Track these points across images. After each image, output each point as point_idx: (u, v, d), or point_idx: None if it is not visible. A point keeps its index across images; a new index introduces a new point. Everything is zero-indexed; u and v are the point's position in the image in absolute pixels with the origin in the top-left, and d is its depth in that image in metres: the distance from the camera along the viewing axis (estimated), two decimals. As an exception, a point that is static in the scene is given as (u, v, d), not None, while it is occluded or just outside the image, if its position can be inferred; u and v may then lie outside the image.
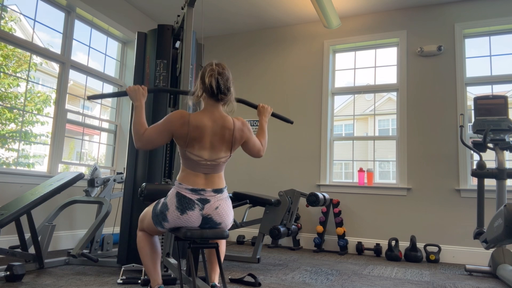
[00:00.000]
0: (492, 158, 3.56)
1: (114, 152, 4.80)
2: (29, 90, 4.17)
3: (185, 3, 2.82)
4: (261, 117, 2.25)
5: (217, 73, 1.82)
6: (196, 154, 1.80)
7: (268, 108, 2.30)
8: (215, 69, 1.83)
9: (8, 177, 3.37)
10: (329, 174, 4.78)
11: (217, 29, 5.45)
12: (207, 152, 1.81)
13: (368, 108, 5.89)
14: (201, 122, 1.80)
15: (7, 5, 3.63)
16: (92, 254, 3.26)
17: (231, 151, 1.88)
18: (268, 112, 2.29)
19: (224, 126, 1.83)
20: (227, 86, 1.84)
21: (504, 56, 4.31)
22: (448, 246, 4.06)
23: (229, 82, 1.85)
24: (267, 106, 2.29)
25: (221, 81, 1.81)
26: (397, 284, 2.82)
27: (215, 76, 1.81)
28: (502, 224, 2.58)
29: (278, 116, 2.54)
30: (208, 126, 1.80)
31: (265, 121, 2.23)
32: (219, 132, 1.82)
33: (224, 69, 1.85)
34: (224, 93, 1.83)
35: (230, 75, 1.87)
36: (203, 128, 1.79)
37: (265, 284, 2.61)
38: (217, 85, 1.80)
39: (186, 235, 1.71)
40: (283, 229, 3.34)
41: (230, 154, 1.88)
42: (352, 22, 4.91)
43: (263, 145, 2.08)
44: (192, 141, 1.79)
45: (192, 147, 1.79)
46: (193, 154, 1.80)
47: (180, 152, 1.85)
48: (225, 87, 1.83)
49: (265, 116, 2.25)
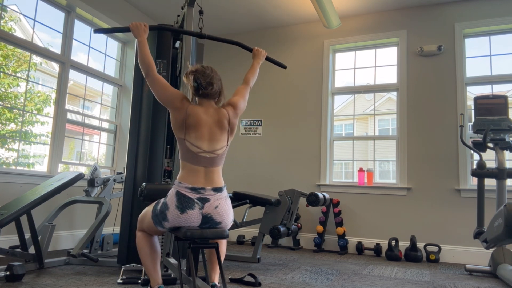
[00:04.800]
0: (492, 158, 3.56)
1: (114, 152, 4.80)
2: (29, 90, 4.17)
3: (185, 3, 2.82)
4: (255, 59, 2.39)
5: (193, 72, 1.92)
6: (195, 144, 1.83)
7: (263, 52, 2.44)
8: (192, 69, 1.95)
9: (8, 177, 3.37)
10: (329, 174, 4.78)
11: (217, 29, 5.45)
12: (205, 143, 1.85)
13: (368, 108, 5.89)
14: (197, 112, 1.87)
15: (7, 5, 3.63)
16: (92, 254, 3.26)
17: (228, 140, 1.94)
18: (263, 56, 2.44)
19: (220, 118, 1.91)
20: (207, 81, 1.91)
21: (504, 56, 4.31)
22: (448, 246, 4.06)
23: (209, 78, 1.92)
24: (261, 50, 2.44)
25: (200, 78, 1.90)
26: (397, 284, 2.82)
27: (192, 74, 1.92)
28: (502, 224, 2.58)
29: (271, 60, 2.61)
30: (203, 119, 1.87)
31: (258, 63, 2.39)
32: (216, 124, 1.89)
33: (204, 68, 1.94)
34: (206, 88, 1.90)
35: (213, 73, 1.95)
36: (199, 118, 1.87)
37: (265, 284, 2.61)
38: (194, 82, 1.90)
39: (186, 235, 1.72)
40: (283, 229, 3.34)
41: (227, 143, 1.94)
42: (352, 22, 4.91)
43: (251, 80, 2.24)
44: (189, 128, 1.84)
45: (189, 134, 1.84)
46: (192, 145, 1.83)
47: (179, 145, 1.88)
48: (206, 84, 1.90)
49: (259, 58, 2.41)
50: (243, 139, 5.27)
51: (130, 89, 4.82)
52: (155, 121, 3.00)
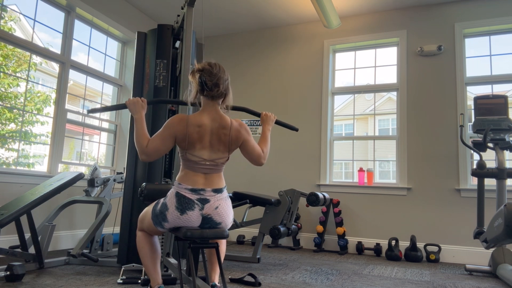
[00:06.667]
0: (492, 157, 3.56)
1: (114, 152, 4.80)
2: (29, 90, 4.17)
3: (185, 3, 2.81)
4: (264, 125, 2.17)
5: (200, 70, 1.84)
6: (196, 154, 1.80)
7: (272, 116, 2.22)
8: (199, 67, 1.85)
9: (8, 177, 3.37)
10: (329, 174, 4.78)
11: (217, 29, 5.45)
12: (207, 152, 1.82)
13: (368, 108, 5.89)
14: (200, 121, 1.81)
15: (7, 5, 3.63)
16: (92, 254, 3.26)
17: (228, 152, 1.87)
18: (272, 120, 2.22)
19: (221, 125, 1.84)
20: (214, 82, 1.82)
21: (504, 56, 4.31)
22: (448, 245, 4.06)
23: (216, 78, 1.83)
24: (270, 114, 2.22)
25: (206, 78, 1.81)
26: (397, 284, 2.82)
27: (199, 73, 1.83)
28: (502, 223, 2.58)
29: (282, 124, 2.47)
30: (207, 125, 1.82)
31: (268, 129, 2.15)
32: (216, 131, 1.83)
33: (212, 67, 1.84)
34: (211, 89, 1.82)
35: (221, 73, 1.85)
36: (203, 126, 1.81)
37: (265, 284, 2.61)
38: (200, 81, 1.82)
39: (186, 235, 1.71)
40: (283, 229, 3.34)
41: (228, 156, 1.87)
42: (352, 22, 4.91)
43: (264, 152, 2.00)
44: (192, 142, 1.79)
45: (193, 148, 1.80)
46: (193, 155, 1.80)
47: (180, 154, 1.85)
48: (212, 84, 1.82)
49: (268, 124, 2.18)
50: (243, 139, 5.26)
51: (130, 89, 4.82)
52: (155, 121, 3.00)
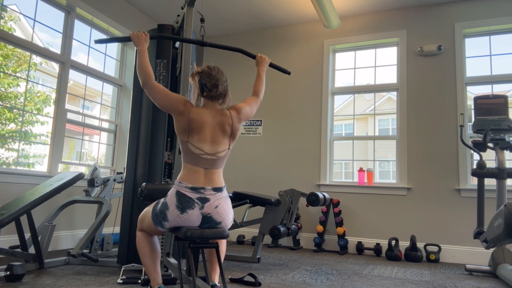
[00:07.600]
0: (492, 157, 3.56)
1: (114, 152, 4.79)
2: (29, 90, 4.17)
3: (185, 3, 2.82)
4: (259, 67, 2.35)
5: (199, 73, 1.93)
6: (197, 146, 1.83)
7: (266, 58, 2.39)
8: (198, 70, 1.95)
9: (8, 177, 3.37)
10: (329, 174, 4.78)
11: (217, 29, 5.45)
12: (207, 145, 1.85)
13: (368, 108, 5.89)
14: (200, 115, 1.87)
15: (7, 5, 3.63)
16: (92, 254, 3.26)
17: (230, 144, 1.93)
18: (266, 62, 2.38)
19: (223, 120, 1.90)
20: (213, 83, 1.91)
21: (504, 56, 4.31)
22: (448, 245, 4.06)
23: (215, 80, 1.92)
24: (264, 57, 2.38)
25: (205, 79, 1.90)
26: (397, 284, 2.82)
27: (198, 75, 1.93)
28: (502, 223, 2.58)
29: (275, 67, 2.58)
30: (207, 121, 1.87)
31: (263, 70, 2.34)
32: (218, 126, 1.89)
33: (210, 70, 1.94)
34: (210, 90, 1.91)
35: (219, 75, 1.95)
36: (203, 121, 1.86)
37: (265, 284, 2.61)
38: (200, 83, 1.91)
39: (186, 235, 1.72)
40: (283, 229, 3.34)
41: (229, 147, 1.93)
42: (352, 22, 4.91)
43: (260, 92, 2.22)
44: (192, 132, 1.84)
45: (192, 137, 1.84)
46: (194, 147, 1.83)
47: (182, 146, 1.89)
48: (212, 85, 1.90)
49: (263, 66, 2.35)
50: (243, 139, 5.27)
51: (130, 89, 4.82)
52: (155, 121, 3.00)
